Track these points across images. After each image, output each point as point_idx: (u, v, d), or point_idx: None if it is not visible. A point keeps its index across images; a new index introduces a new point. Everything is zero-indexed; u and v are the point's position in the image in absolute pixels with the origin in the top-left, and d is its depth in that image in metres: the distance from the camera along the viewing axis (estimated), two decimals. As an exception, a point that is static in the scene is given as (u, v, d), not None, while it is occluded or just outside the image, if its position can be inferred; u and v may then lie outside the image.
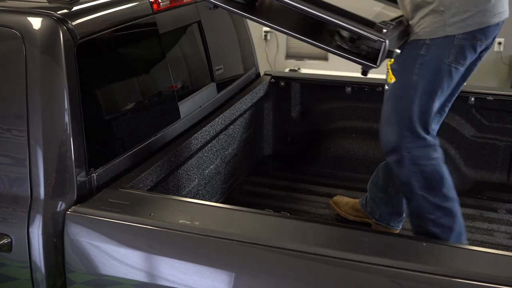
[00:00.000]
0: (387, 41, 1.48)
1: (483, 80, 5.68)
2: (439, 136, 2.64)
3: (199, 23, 2.34)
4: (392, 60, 1.54)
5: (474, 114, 2.59)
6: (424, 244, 1.40)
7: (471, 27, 1.77)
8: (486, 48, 1.93)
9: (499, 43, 5.52)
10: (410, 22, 1.84)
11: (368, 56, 1.53)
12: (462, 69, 1.85)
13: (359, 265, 1.30)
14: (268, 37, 6.27)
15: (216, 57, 2.45)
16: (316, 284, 1.34)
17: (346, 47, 1.55)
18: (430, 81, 1.82)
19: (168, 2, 2.09)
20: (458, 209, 1.99)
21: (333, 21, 1.52)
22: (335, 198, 2.52)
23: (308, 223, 1.50)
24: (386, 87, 1.59)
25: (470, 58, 1.85)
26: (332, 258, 1.33)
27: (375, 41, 1.50)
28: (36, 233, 1.55)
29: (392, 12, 2.04)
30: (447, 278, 1.24)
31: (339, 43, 1.56)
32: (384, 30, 1.49)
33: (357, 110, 2.78)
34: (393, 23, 1.62)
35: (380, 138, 1.98)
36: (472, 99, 2.55)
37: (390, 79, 1.57)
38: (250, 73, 2.75)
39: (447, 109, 2.12)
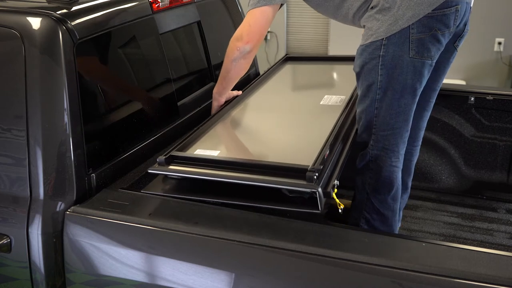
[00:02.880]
0: (319, 190, 1.45)
1: (483, 80, 5.69)
2: (439, 136, 2.66)
3: (198, 23, 2.34)
4: (336, 190, 1.54)
5: (474, 114, 2.59)
6: (424, 244, 1.40)
7: (423, 11, 1.73)
8: (460, 37, 1.91)
9: (499, 43, 5.52)
10: (364, 30, 1.86)
11: (311, 198, 1.51)
12: (430, 62, 1.81)
13: (359, 265, 1.30)
14: (268, 37, 6.27)
15: (216, 57, 2.44)
16: (316, 284, 1.34)
17: (290, 195, 1.55)
18: (396, 79, 1.81)
19: (168, 2, 2.09)
20: (394, 222, 2.03)
21: (262, 185, 1.52)
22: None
23: (307, 223, 1.50)
24: (340, 211, 1.61)
25: (437, 49, 1.80)
26: (332, 258, 1.32)
27: (309, 193, 1.49)
28: (36, 233, 1.55)
29: (340, 97, 2.14)
30: (447, 278, 1.24)
31: (284, 192, 1.55)
32: (315, 176, 1.46)
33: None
34: (326, 156, 1.61)
35: (356, 137, 2.00)
36: (472, 98, 2.55)
37: (340, 205, 1.57)
38: (250, 73, 2.75)
39: (432, 105, 2.13)
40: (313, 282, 1.34)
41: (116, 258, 1.50)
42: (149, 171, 1.65)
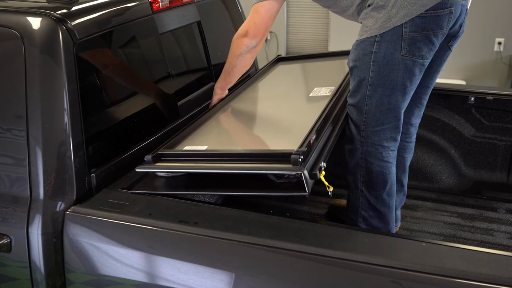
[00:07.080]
0: (305, 172, 1.45)
1: (483, 80, 5.69)
2: (439, 136, 2.66)
3: (198, 23, 2.34)
4: (324, 172, 1.52)
5: (474, 114, 2.59)
6: (424, 244, 1.40)
7: (416, 11, 1.75)
8: (455, 38, 1.92)
9: (499, 43, 5.52)
10: (360, 27, 1.89)
11: (299, 182, 1.50)
12: (421, 62, 1.82)
13: (359, 265, 1.30)
14: (268, 37, 6.26)
15: (216, 57, 2.45)
16: (316, 284, 1.34)
17: (278, 181, 1.55)
18: (387, 76, 1.82)
19: (168, 2, 2.09)
20: (391, 219, 2.03)
21: (247, 172, 1.53)
22: (333, 201, 2.52)
23: (308, 223, 1.50)
24: (330, 193, 1.60)
25: (429, 49, 1.81)
26: (332, 258, 1.32)
27: (294, 176, 1.49)
28: (36, 233, 1.55)
29: (329, 88, 2.12)
30: (447, 278, 1.24)
31: (272, 179, 1.55)
32: (300, 159, 1.46)
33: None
34: (312, 140, 1.60)
35: (345, 129, 2.00)
36: (472, 98, 2.55)
37: (328, 187, 1.55)
38: (250, 73, 2.75)
39: (424, 102, 2.15)
40: (313, 282, 1.34)
41: (116, 258, 1.50)
42: (136, 169, 1.67)
